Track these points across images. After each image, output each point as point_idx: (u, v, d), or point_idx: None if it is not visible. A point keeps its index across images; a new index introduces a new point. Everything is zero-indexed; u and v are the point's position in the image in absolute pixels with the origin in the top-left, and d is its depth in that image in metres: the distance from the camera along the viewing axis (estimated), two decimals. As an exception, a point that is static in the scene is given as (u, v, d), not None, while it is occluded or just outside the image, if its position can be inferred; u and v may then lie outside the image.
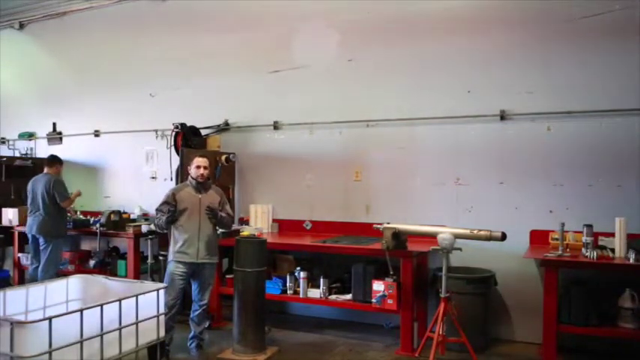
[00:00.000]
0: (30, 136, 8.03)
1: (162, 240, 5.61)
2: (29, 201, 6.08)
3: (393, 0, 5.54)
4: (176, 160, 6.00)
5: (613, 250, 4.33)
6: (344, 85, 5.84)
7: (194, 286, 4.64)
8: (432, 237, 4.44)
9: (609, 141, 4.75)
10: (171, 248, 4.51)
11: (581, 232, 4.45)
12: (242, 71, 6.37)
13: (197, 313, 4.64)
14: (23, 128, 8.08)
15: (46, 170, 6.13)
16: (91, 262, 6.47)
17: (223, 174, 6.10)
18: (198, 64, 6.59)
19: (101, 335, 3.21)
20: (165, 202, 4.49)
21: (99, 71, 7.32)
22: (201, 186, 4.56)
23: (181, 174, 5.62)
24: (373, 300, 4.73)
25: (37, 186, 6.01)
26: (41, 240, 5.98)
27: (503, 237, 4.11)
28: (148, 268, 5.84)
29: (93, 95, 7.41)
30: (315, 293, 5.15)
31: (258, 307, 4.49)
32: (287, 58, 6.02)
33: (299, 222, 6.03)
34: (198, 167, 4.53)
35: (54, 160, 6.23)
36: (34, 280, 5.98)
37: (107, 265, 6.49)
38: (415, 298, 4.80)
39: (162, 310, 3.68)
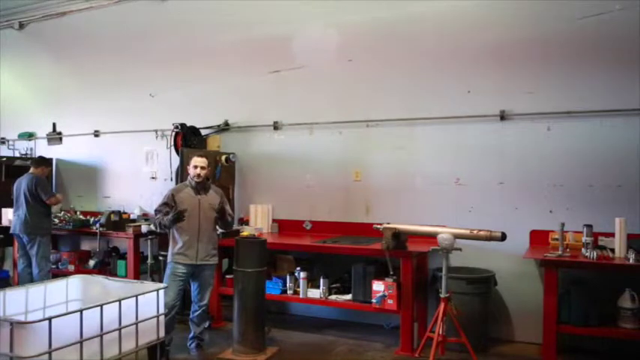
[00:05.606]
0: (30, 136, 8.02)
1: (162, 240, 5.61)
2: (14, 201, 6.12)
3: (393, 0, 5.54)
4: (176, 160, 6.00)
5: (613, 250, 4.34)
6: (344, 85, 5.84)
7: (194, 287, 4.64)
8: (432, 237, 4.45)
9: (609, 141, 4.75)
10: (171, 249, 4.51)
11: (581, 232, 4.44)
12: (242, 71, 6.35)
13: (197, 313, 4.64)
14: (23, 128, 8.07)
15: (31, 170, 6.18)
16: (91, 262, 6.48)
17: (223, 174, 6.10)
18: (198, 64, 6.57)
19: (101, 335, 3.21)
20: (164, 203, 4.47)
21: (99, 71, 7.30)
22: (201, 186, 4.53)
23: (181, 174, 5.62)
24: (373, 300, 4.73)
25: (20, 186, 6.08)
26: (25, 239, 6.04)
27: (503, 237, 4.11)
28: (148, 269, 5.84)
29: (93, 95, 7.39)
30: (315, 293, 5.15)
31: (258, 307, 4.48)
32: (287, 58, 6.01)
33: (299, 222, 6.03)
34: (195, 167, 4.50)
35: (41, 162, 6.27)
36: (24, 279, 6.03)
37: (107, 265, 6.50)
38: (415, 298, 4.79)
39: (162, 310, 3.68)
